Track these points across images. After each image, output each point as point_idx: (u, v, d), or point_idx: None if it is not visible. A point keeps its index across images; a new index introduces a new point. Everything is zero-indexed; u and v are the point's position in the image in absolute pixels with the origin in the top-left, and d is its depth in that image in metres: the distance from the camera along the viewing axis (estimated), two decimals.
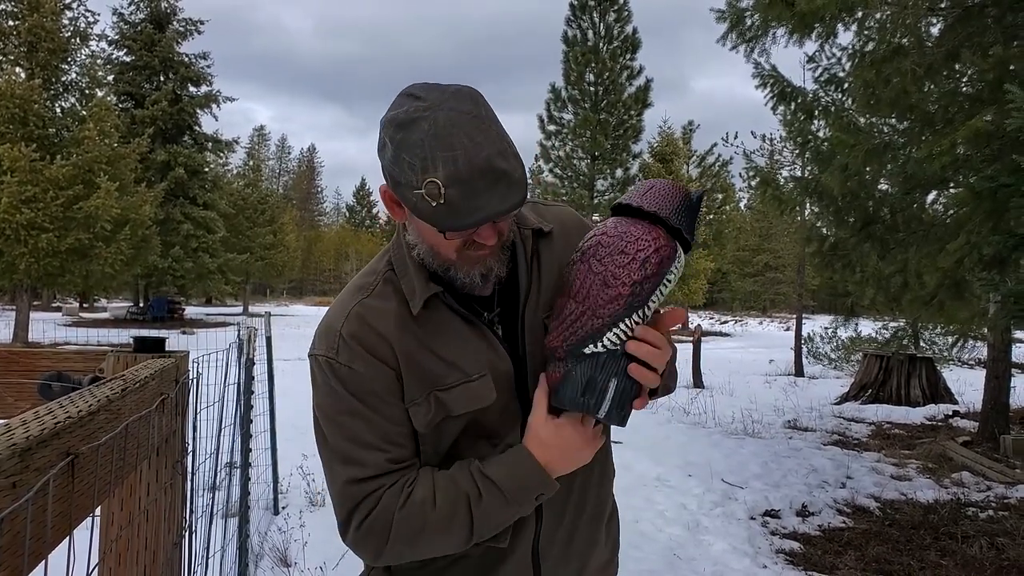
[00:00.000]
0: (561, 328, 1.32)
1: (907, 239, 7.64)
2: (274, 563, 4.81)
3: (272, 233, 48.22)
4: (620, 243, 1.29)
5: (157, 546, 1.56)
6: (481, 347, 1.41)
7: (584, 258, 1.33)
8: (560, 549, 1.53)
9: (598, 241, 1.32)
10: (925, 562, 5.19)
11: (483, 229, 1.29)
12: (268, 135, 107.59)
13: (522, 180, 1.25)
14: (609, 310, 1.27)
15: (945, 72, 7.29)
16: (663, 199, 1.33)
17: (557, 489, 1.37)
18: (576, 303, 1.30)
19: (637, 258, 1.27)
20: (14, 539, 0.71)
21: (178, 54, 39.77)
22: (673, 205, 1.33)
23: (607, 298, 1.27)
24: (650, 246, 1.28)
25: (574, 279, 1.33)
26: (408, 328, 1.39)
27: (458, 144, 1.20)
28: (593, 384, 1.30)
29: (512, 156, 1.24)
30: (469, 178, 1.19)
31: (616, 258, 1.28)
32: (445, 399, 1.37)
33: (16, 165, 20.46)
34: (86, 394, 1.07)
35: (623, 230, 1.31)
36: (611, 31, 27.15)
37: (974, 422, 10.10)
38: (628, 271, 1.27)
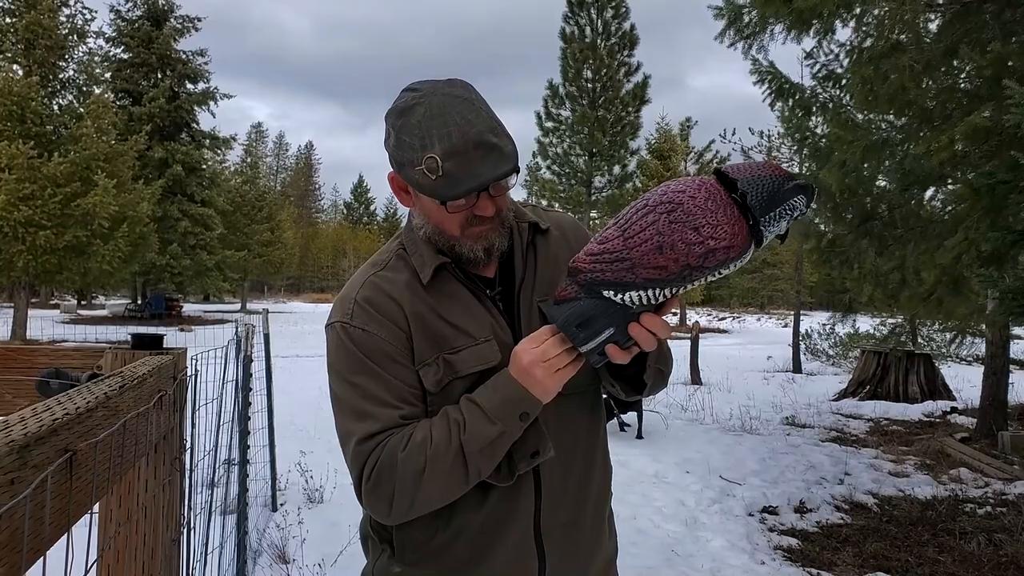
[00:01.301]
0: (594, 257, 1.29)
1: (905, 235, 7.64)
2: (272, 560, 4.81)
3: (270, 230, 48.16)
4: (699, 219, 1.22)
5: (155, 543, 1.56)
6: (486, 316, 1.50)
7: (657, 207, 1.26)
8: (566, 535, 1.55)
9: (681, 201, 1.24)
10: (923, 558, 5.20)
11: (481, 201, 1.41)
12: (266, 132, 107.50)
13: (512, 154, 1.38)
14: (649, 274, 1.25)
15: (943, 68, 7.29)
16: (757, 182, 1.25)
17: (540, 407, 1.38)
18: (622, 244, 1.26)
19: (706, 245, 1.22)
20: (12, 535, 0.71)
21: (175, 51, 39.71)
22: (763, 193, 1.24)
23: (653, 263, 1.24)
24: (724, 240, 1.23)
25: (635, 219, 1.26)
26: (419, 295, 1.50)
27: (452, 122, 1.34)
28: (591, 323, 1.32)
29: (502, 133, 1.38)
30: (464, 151, 1.33)
31: (686, 233, 1.22)
32: (453, 360, 1.46)
33: (14, 162, 20.44)
34: (84, 391, 1.07)
35: (711, 207, 1.23)
36: (609, 27, 27.09)
37: (972, 418, 10.11)
38: (688, 253, 1.22)
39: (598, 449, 1.65)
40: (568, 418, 1.55)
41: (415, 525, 1.52)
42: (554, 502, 1.52)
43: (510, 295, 1.55)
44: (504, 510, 1.49)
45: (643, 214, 1.26)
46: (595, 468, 1.63)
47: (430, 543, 1.52)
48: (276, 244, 48.93)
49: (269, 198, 50.59)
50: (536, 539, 1.51)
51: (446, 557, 1.52)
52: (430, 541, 1.52)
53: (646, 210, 1.26)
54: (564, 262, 1.60)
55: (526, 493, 1.50)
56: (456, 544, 1.51)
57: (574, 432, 1.57)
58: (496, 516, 1.49)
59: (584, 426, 1.60)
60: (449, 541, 1.51)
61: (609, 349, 1.33)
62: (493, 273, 1.57)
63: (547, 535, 1.52)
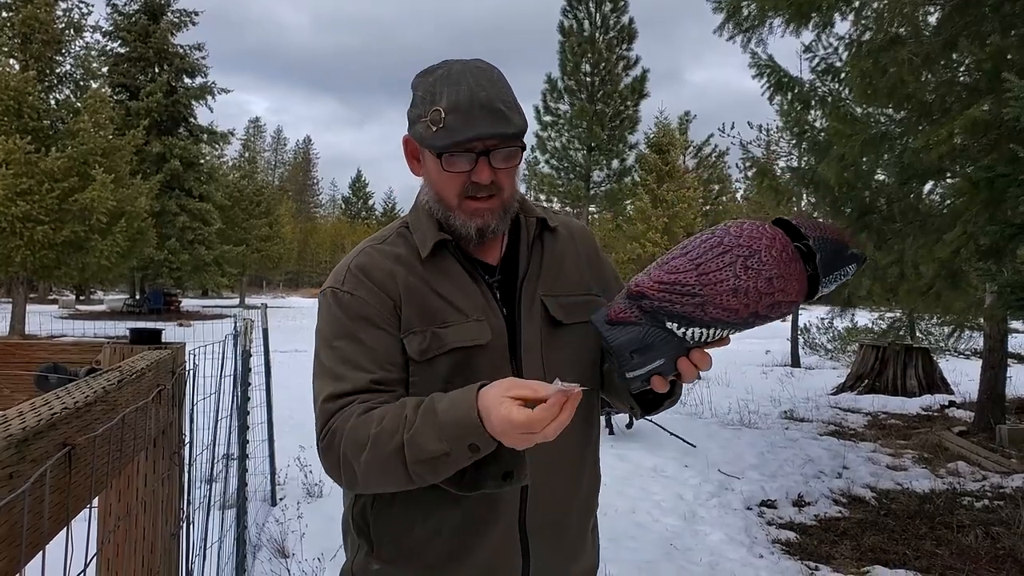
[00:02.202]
0: (664, 286, 1.27)
1: (904, 229, 7.64)
2: (272, 554, 4.81)
3: (268, 225, 48.14)
4: (774, 271, 1.24)
5: (155, 537, 1.56)
6: (480, 298, 1.50)
7: (734, 249, 1.25)
8: (552, 535, 1.53)
9: (759, 248, 1.25)
10: (921, 551, 5.21)
11: (479, 167, 1.42)
12: (264, 127, 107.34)
13: (519, 126, 1.42)
14: (718, 314, 1.25)
15: (942, 61, 7.28)
16: (825, 244, 1.28)
17: (492, 448, 1.24)
18: (696, 280, 1.25)
19: (775, 297, 1.24)
20: (11, 530, 0.71)
21: (173, 45, 39.64)
22: (827, 256, 1.28)
23: (725, 305, 1.24)
24: (792, 295, 1.26)
25: (710, 256, 1.26)
26: (415, 269, 1.50)
27: (464, 83, 1.40)
28: (647, 351, 1.31)
29: (513, 107, 1.42)
30: (468, 109, 1.38)
31: (761, 282, 1.23)
32: (441, 334, 1.45)
33: (11, 157, 20.40)
34: (83, 385, 1.06)
35: (784, 260, 1.25)
36: (607, 21, 27.04)
37: (970, 412, 10.12)
38: (760, 300, 1.24)
39: (588, 453, 1.63)
40: None
41: (391, 519, 1.50)
42: (541, 500, 1.49)
43: (512, 286, 1.55)
44: (487, 506, 1.46)
45: (718, 253, 1.25)
46: (584, 471, 1.61)
47: (408, 538, 1.49)
48: (274, 239, 48.92)
49: (267, 193, 50.55)
50: (521, 536, 1.49)
51: (426, 553, 1.49)
52: (408, 536, 1.49)
53: (721, 249, 1.26)
54: (571, 263, 1.64)
55: (512, 489, 1.45)
56: (436, 540, 1.48)
57: (565, 431, 1.54)
58: (479, 511, 1.46)
59: (577, 427, 1.53)
60: (429, 536, 1.48)
61: (654, 379, 1.33)
62: (496, 261, 1.57)
63: (532, 533, 1.49)
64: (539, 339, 1.52)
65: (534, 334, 1.52)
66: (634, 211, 33.12)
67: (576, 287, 1.62)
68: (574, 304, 1.59)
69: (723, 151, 42.97)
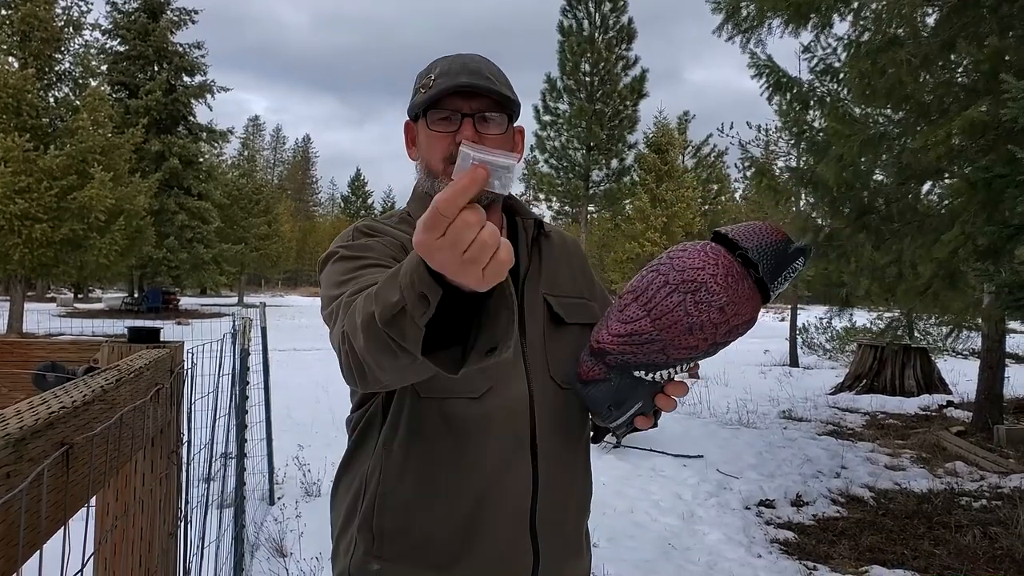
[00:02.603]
0: (622, 340, 1.29)
1: (902, 229, 7.64)
2: (270, 553, 4.81)
3: (267, 223, 48.12)
4: (722, 298, 1.23)
5: (152, 536, 1.56)
6: None
7: (680, 287, 1.24)
8: (556, 528, 1.51)
9: (704, 280, 1.23)
10: (919, 551, 5.22)
11: (464, 126, 1.42)
12: (263, 125, 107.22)
13: (505, 94, 1.44)
14: (680, 354, 1.27)
15: (941, 62, 7.28)
16: (764, 250, 1.26)
17: (437, 293, 0.98)
18: (651, 326, 1.26)
19: (730, 323, 1.24)
20: (9, 529, 0.71)
21: (172, 44, 39.58)
22: (771, 261, 1.26)
23: (685, 344, 1.25)
24: (746, 316, 1.26)
25: (659, 299, 1.26)
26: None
27: (457, 57, 1.47)
28: (623, 401, 1.34)
29: (502, 82, 1.46)
30: (457, 73, 1.43)
31: (713, 314, 1.23)
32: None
33: (9, 155, 20.37)
34: (81, 384, 1.06)
35: (731, 284, 1.23)
36: (607, 21, 27.04)
37: (968, 412, 10.13)
38: (717, 331, 1.24)
39: (581, 452, 1.62)
40: (566, 412, 1.53)
41: (395, 513, 1.44)
42: (549, 496, 1.48)
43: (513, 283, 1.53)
44: (495, 498, 1.42)
45: (666, 294, 1.25)
46: (580, 471, 1.61)
47: (411, 533, 1.43)
48: (273, 238, 48.91)
49: (266, 191, 50.52)
50: (532, 533, 1.45)
51: (430, 550, 1.43)
52: (411, 530, 1.43)
53: (668, 289, 1.25)
54: (566, 267, 1.66)
55: (522, 479, 1.44)
56: (440, 534, 1.43)
57: (566, 427, 1.54)
58: (486, 503, 1.42)
59: (575, 426, 1.57)
60: (432, 530, 1.43)
61: (637, 420, 1.36)
62: None
63: (541, 530, 1.46)
64: (542, 336, 1.53)
65: (537, 331, 1.53)
66: (633, 210, 33.09)
67: (574, 289, 1.64)
68: (573, 305, 1.61)
69: (722, 151, 43.05)
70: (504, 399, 1.44)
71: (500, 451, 1.44)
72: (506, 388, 1.44)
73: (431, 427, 1.43)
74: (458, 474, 1.42)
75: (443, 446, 1.43)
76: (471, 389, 1.42)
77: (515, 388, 1.45)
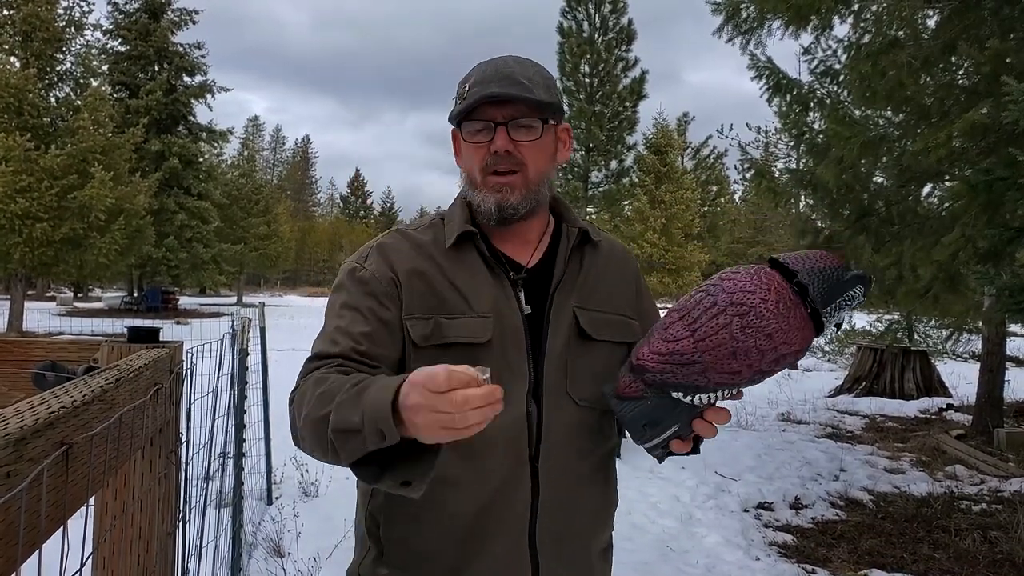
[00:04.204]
0: (663, 358, 1.26)
1: (902, 232, 7.65)
2: (267, 553, 4.81)
3: (266, 223, 48.08)
4: (772, 324, 1.19)
5: (151, 536, 1.55)
6: (496, 295, 1.48)
7: (727, 309, 1.21)
8: (559, 544, 1.49)
9: (753, 304, 1.20)
10: (918, 555, 5.21)
11: (498, 135, 1.44)
12: (263, 125, 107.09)
13: (541, 96, 1.44)
14: (721, 379, 1.23)
15: (941, 65, 7.29)
16: (816, 274, 1.22)
17: (395, 439, 1.11)
18: (694, 347, 1.23)
19: (778, 351, 1.21)
20: (8, 528, 0.71)
21: (173, 44, 39.56)
22: (823, 286, 1.22)
23: (728, 368, 1.22)
24: (795, 345, 1.22)
25: (704, 321, 1.22)
26: (435, 257, 1.50)
27: (493, 62, 1.48)
28: (658, 422, 1.31)
29: (540, 85, 1.46)
30: (490, 79, 1.44)
31: (759, 339, 1.19)
32: (444, 325, 1.44)
33: (10, 155, 20.38)
34: (80, 384, 1.06)
35: (782, 311, 1.20)
36: (607, 22, 27.02)
37: (968, 415, 10.12)
38: (762, 359, 1.21)
39: (599, 469, 1.58)
40: (581, 429, 1.51)
41: (401, 524, 1.47)
42: (550, 510, 1.46)
43: (544, 290, 1.52)
44: (496, 514, 1.44)
45: (713, 315, 1.22)
46: (593, 486, 1.56)
47: (415, 542, 1.46)
48: (272, 238, 48.87)
49: (266, 192, 50.49)
50: (531, 547, 1.45)
51: (433, 561, 1.46)
52: (416, 542, 1.46)
53: (715, 310, 1.22)
54: (610, 281, 1.61)
55: (520, 498, 1.44)
56: (444, 547, 1.45)
57: (580, 444, 1.52)
58: (487, 519, 1.43)
59: (584, 439, 1.53)
60: (436, 544, 1.45)
61: (673, 444, 1.33)
62: (528, 262, 1.55)
63: (542, 544, 1.46)
64: (566, 349, 1.50)
65: (561, 343, 1.50)
66: (632, 212, 33.12)
67: (611, 305, 1.59)
68: (606, 321, 1.56)
69: (721, 152, 43.11)
70: (503, 420, 1.38)
71: (499, 469, 1.44)
72: (504, 411, 1.43)
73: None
74: (457, 489, 1.43)
75: (444, 463, 1.41)
76: None
77: (514, 410, 1.42)
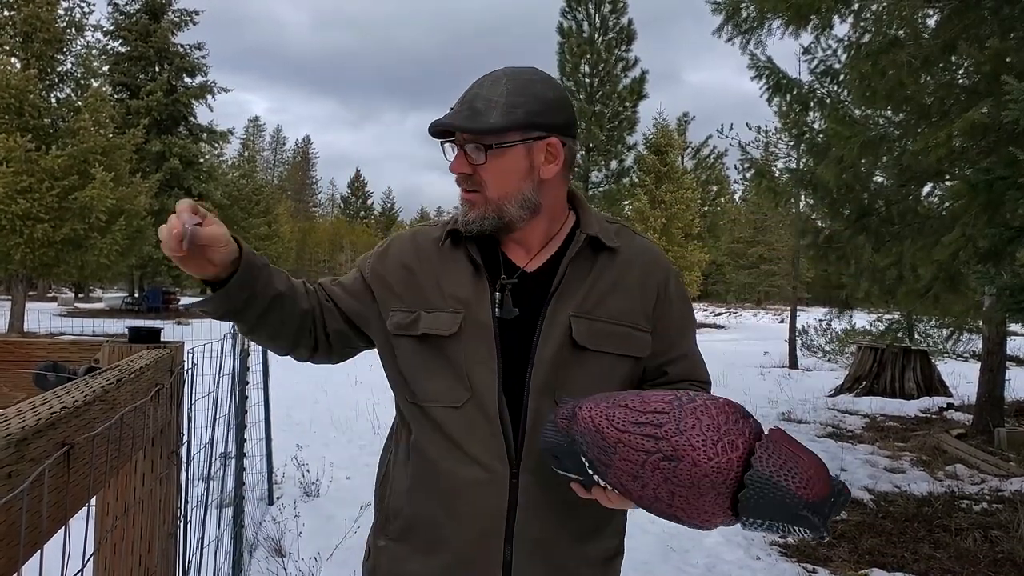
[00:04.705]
0: (591, 427, 1.25)
1: (902, 231, 7.65)
2: (268, 553, 4.81)
3: (267, 224, 48.08)
4: (685, 490, 1.14)
5: (152, 536, 1.56)
6: (469, 290, 1.54)
7: (664, 444, 1.15)
8: (539, 549, 1.49)
9: (692, 459, 1.13)
10: (919, 554, 5.21)
11: (454, 158, 1.52)
12: (263, 126, 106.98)
13: (487, 123, 1.46)
14: (616, 483, 1.23)
15: (941, 64, 7.29)
16: (769, 489, 1.09)
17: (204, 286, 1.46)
18: (614, 443, 1.21)
19: (675, 512, 1.18)
20: (10, 529, 0.71)
21: (173, 44, 39.55)
22: (763, 503, 1.10)
23: (622, 482, 1.22)
24: (694, 519, 1.17)
25: (639, 433, 1.18)
26: (429, 254, 1.60)
27: (480, 81, 1.52)
28: (563, 463, 1.34)
29: (497, 107, 1.47)
30: (458, 103, 1.51)
31: (662, 489, 1.16)
32: (422, 317, 1.53)
33: (11, 155, 20.37)
34: (81, 384, 1.07)
35: (704, 488, 1.12)
36: (606, 22, 27.10)
37: (968, 415, 10.12)
38: (656, 503, 1.20)
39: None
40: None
41: (394, 497, 1.59)
42: (532, 512, 1.48)
43: (543, 296, 1.53)
44: (468, 503, 1.48)
45: (647, 433, 1.18)
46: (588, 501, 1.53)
47: (405, 518, 1.57)
48: (273, 238, 48.88)
49: (266, 192, 50.50)
50: (507, 545, 1.47)
51: (416, 535, 1.55)
52: (404, 516, 1.57)
53: (655, 434, 1.17)
54: (622, 289, 1.58)
55: (495, 493, 1.47)
56: (423, 523, 1.54)
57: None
58: (460, 506, 1.49)
59: None
60: (418, 519, 1.55)
61: (573, 485, 1.37)
62: (527, 264, 1.57)
63: (518, 544, 1.47)
64: (558, 355, 1.50)
65: (552, 349, 1.50)
66: (632, 212, 33.11)
67: (617, 315, 1.55)
68: (608, 332, 1.53)
69: (721, 152, 43.11)
70: (483, 415, 1.49)
71: (478, 460, 1.48)
72: (483, 404, 1.49)
73: (425, 429, 1.54)
74: (440, 474, 1.51)
75: (433, 447, 1.52)
76: (452, 399, 1.50)
77: (489, 408, 1.48)
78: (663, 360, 1.63)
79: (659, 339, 1.60)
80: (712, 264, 49.15)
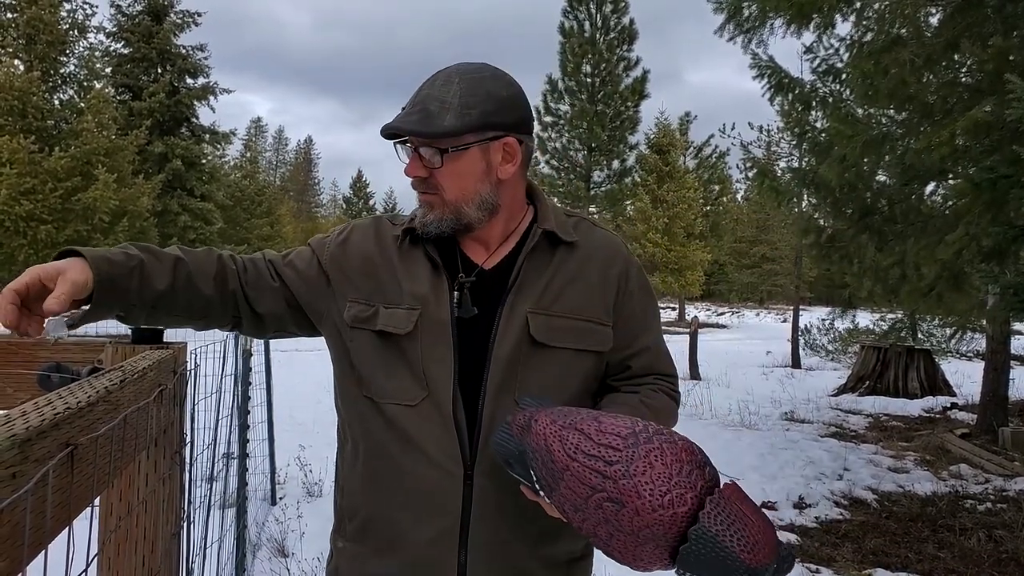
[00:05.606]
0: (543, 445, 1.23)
1: (905, 231, 7.63)
2: (271, 553, 4.81)
3: (269, 225, 48.12)
4: (624, 535, 1.11)
5: (155, 536, 1.56)
6: (428, 290, 1.51)
7: (610, 485, 1.12)
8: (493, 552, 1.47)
9: (635, 506, 1.09)
10: (923, 554, 5.21)
11: (409, 164, 1.48)
12: (265, 127, 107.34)
13: (439, 127, 1.42)
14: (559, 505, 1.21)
15: (944, 63, 7.27)
16: (710, 548, 1.05)
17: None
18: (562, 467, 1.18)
19: (612, 553, 1.14)
20: (14, 529, 0.71)
21: (175, 46, 39.56)
22: (702, 561, 1.05)
23: (564, 510, 1.20)
24: (627, 561, 1.14)
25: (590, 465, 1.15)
26: (391, 250, 1.57)
27: (430, 80, 1.48)
28: (512, 467, 1.32)
29: (451, 109, 1.43)
30: (409, 104, 1.47)
31: (603, 528, 1.14)
32: (380, 314, 1.50)
33: (15, 157, 20.43)
34: (85, 385, 1.06)
35: (645, 535, 1.09)
36: (608, 22, 27.08)
37: (972, 414, 10.12)
38: (595, 539, 1.16)
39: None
40: None
41: (349, 496, 1.57)
42: (484, 514, 1.46)
43: (500, 293, 1.51)
44: (423, 503, 1.46)
45: (597, 469, 1.14)
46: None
47: (359, 518, 1.54)
48: (275, 239, 48.89)
49: (268, 193, 50.53)
50: (461, 546, 1.45)
51: (371, 535, 1.53)
52: (359, 516, 1.54)
53: (600, 468, 1.14)
54: (581, 283, 1.55)
55: (450, 492, 1.45)
56: (379, 523, 1.51)
57: None
58: (414, 505, 1.47)
59: None
60: (373, 519, 1.52)
61: (523, 488, 1.33)
62: (485, 262, 1.55)
63: (473, 546, 1.46)
64: (517, 354, 1.47)
65: (509, 346, 1.47)
66: (634, 211, 33.17)
67: (576, 310, 1.53)
68: (567, 327, 1.51)
69: (723, 152, 43.01)
70: (438, 413, 1.46)
71: (433, 460, 1.46)
72: (439, 403, 1.47)
73: (377, 426, 1.51)
74: (393, 473, 1.49)
75: (386, 446, 1.50)
76: (408, 397, 1.47)
77: (444, 407, 1.46)
78: (626, 354, 1.60)
79: (621, 333, 1.58)
80: (715, 264, 49.20)
